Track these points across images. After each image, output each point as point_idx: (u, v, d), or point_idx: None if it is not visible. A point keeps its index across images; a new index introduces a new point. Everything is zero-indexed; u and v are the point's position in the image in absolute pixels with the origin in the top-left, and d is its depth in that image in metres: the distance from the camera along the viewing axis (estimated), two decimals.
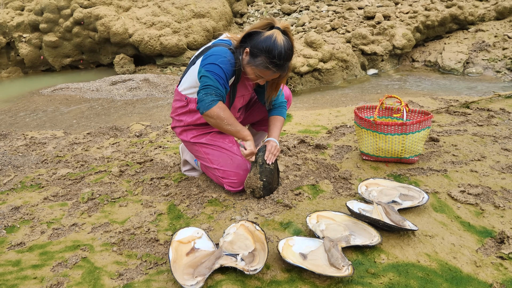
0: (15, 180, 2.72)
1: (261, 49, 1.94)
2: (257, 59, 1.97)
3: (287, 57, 1.96)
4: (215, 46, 2.10)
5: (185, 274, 1.62)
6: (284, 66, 1.99)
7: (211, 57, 2.03)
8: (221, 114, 2.05)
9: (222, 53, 2.03)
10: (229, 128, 2.11)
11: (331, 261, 1.64)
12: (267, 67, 1.96)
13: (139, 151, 3.16)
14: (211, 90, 2.01)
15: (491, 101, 3.90)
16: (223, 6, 8.10)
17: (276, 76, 2.06)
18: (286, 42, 1.95)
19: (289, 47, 1.96)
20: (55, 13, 7.63)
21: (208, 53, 2.07)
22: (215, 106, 2.02)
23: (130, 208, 2.28)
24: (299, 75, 5.81)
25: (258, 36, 1.97)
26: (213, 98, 2.02)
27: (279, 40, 1.92)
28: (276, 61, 1.93)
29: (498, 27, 6.61)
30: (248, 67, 2.04)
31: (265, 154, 2.20)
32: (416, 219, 1.98)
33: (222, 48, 2.06)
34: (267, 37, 1.93)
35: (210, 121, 2.10)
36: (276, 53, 1.92)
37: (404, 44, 6.49)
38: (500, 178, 2.33)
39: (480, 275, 1.59)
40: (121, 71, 7.39)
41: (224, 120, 2.07)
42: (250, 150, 2.18)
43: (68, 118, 4.80)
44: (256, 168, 2.19)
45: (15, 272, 1.76)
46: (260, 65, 1.97)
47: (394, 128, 2.45)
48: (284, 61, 1.96)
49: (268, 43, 1.92)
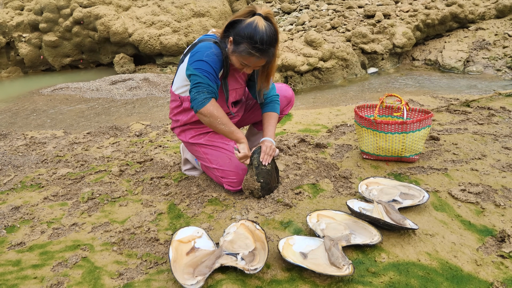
0: (15, 180, 2.72)
1: (243, 36, 1.93)
2: (240, 46, 1.96)
3: (270, 41, 1.95)
4: (200, 42, 2.10)
5: (185, 274, 1.62)
6: (267, 51, 1.97)
7: (197, 53, 2.04)
8: (215, 112, 2.04)
9: (207, 48, 2.03)
10: (222, 127, 2.10)
11: (332, 260, 1.64)
12: (250, 53, 1.95)
13: (139, 151, 3.16)
14: (202, 88, 2.01)
15: (492, 99, 3.89)
16: (222, 5, 8.09)
17: (262, 62, 2.03)
18: (268, 27, 1.94)
19: (272, 32, 1.95)
20: (54, 13, 7.63)
21: (194, 50, 2.08)
22: (208, 104, 2.03)
23: (130, 207, 2.28)
24: (299, 74, 5.81)
25: (240, 24, 1.97)
26: (206, 96, 2.02)
27: (261, 25, 1.92)
28: (258, 46, 1.92)
29: (498, 26, 6.60)
30: (233, 56, 2.03)
31: (260, 156, 2.20)
32: (416, 218, 1.98)
33: (206, 43, 2.06)
34: (248, 24, 1.93)
35: (203, 119, 2.08)
36: (258, 38, 1.91)
37: (404, 42, 6.48)
38: (500, 177, 2.33)
39: (481, 274, 1.59)
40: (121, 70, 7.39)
41: (217, 118, 2.06)
42: (244, 153, 2.16)
43: (68, 118, 4.80)
44: (252, 170, 2.18)
45: (15, 272, 1.76)
46: (243, 51, 1.96)
47: (394, 127, 2.45)
48: (267, 46, 1.95)
49: (250, 29, 1.92)
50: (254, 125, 2.70)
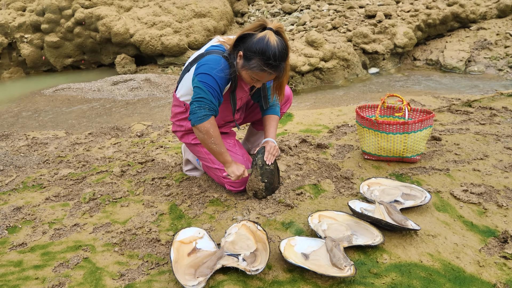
0: (17, 181, 2.72)
1: (255, 52, 1.90)
2: (252, 62, 1.93)
3: (282, 57, 1.93)
4: (208, 53, 2.05)
5: (187, 275, 1.62)
6: (279, 66, 1.95)
7: (205, 66, 1.99)
8: (211, 130, 2.01)
9: (216, 63, 1.98)
10: (214, 147, 2.07)
11: (333, 261, 1.63)
12: (263, 69, 1.92)
13: (140, 151, 3.16)
14: (204, 104, 1.98)
15: (493, 99, 3.88)
16: (224, 6, 8.09)
17: (273, 77, 2.02)
18: (280, 42, 1.91)
19: (283, 47, 1.93)
20: (56, 14, 7.64)
21: (201, 61, 2.03)
22: (207, 121, 1.99)
23: (131, 208, 2.28)
24: (300, 74, 5.80)
25: (251, 38, 1.93)
26: (206, 112, 1.98)
27: (272, 40, 1.89)
28: (271, 62, 1.90)
29: (500, 25, 6.58)
30: (243, 71, 2.00)
31: (264, 155, 2.19)
32: (418, 219, 1.97)
33: (215, 56, 2.01)
34: (260, 39, 1.89)
35: (198, 135, 2.05)
36: (271, 54, 1.88)
37: (406, 42, 6.47)
38: (503, 177, 2.32)
39: (484, 275, 1.58)
40: (123, 71, 7.39)
41: (212, 137, 2.03)
42: (235, 175, 2.13)
43: (70, 118, 4.80)
44: (257, 171, 2.18)
45: (17, 272, 1.76)
46: (255, 68, 1.93)
47: (396, 127, 2.44)
48: (279, 62, 1.93)
49: (261, 45, 1.88)
50: (253, 125, 2.70)
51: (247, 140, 2.81)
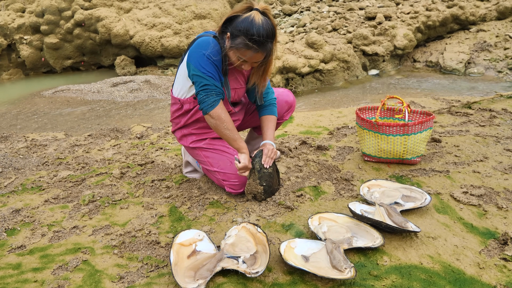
0: (16, 183, 2.72)
1: (240, 30, 1.92)
2: (237, 40, 1.94)
3: (267, 34, 1.93)
4: (199, 37, 2.09)
5: (187, 277, 1.61)
6: (265, 44, 1.94)
7: (197, 51, 2.02)
8: (222, 115, 2.05)
9: (207, 44, 2.02)
10: (227, 133, 2.09)
11: (333, 263, 1.63)
12: (247, 45, 1.92)
13: (140, 153, 3.16)
14: (210, 90, 2.01)
15: (493, 101, 3.88)
16: (224, 7, 8.10)
17: (259, 57, 2.00)
18: (265, 20, 1.94)
19: (269, 25, 1.94)
20: (56, 15, 7.64)
21: (193, 47, 2.06)
22: (218, 106, 2.03)
23: (131, 210, 2.27)
24: (300, 76, 5.80)
25: (237, 18, 1.97)
26: (215, 98, 2.02)
27: (257, 19, 1.91)
28: (255, 38, 1.90)
29: (499, 27, 6.59)
30: (230, 51, 2.01)
31: (262, 159, 2.19)
32: (418, 221, 1.97)
33: (205, 38, 2.05)
34: (245, 18, 1.93)
35: (210, 121, 2.08)
36: (255, 30, 1.90)
37: (405, 44, 6.48)
38: (503, 179, 2.32)
39: (484, 277, 1.58)
40: (122, 72, 7.40)
41: (224, 122, 2.06)
42: (244, 164, 2.14)
43: (69, 120, 4.80)
44: (255, 174, 2.17)
45: (16, 275, 1.75)
46: (239, 44, 1.94)
47: (396, 129, 2.44)
48: (264, 38, 1.92)
49: (246, 23, 1.91)
50: (254, 129, 2.69)
51: (247, 143, 2.80)
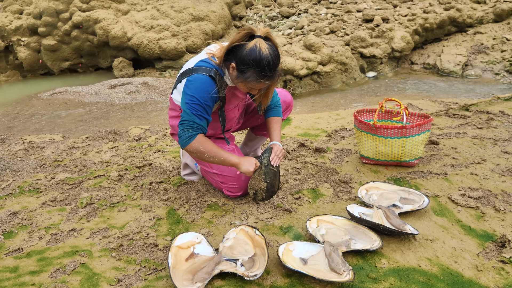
0: (13, 185, 2.71)
1: (248, 64, 1.87)
2: (247, 75, 1.91)
3: (276, 65, 1.92)
4: (196, 70, 2.02)
5: (185, 280, 1.61)
6: (274, 75, 1.94)
7: (191, 87, 1.99)
8: (200, 148, 2.02)
9: (202, 83, 1.97)
10: (213, 160, 2.08)
11: (332, 266, 1.63)
12: (259, 81, 1.92)
13: (138, 155, 3.15)
14: (187, 126, 2.00)
15: (491, 103, 3.89)
16: (222, 10, 8.11)
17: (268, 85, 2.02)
18: (271, 49, 1.89)
19: (275, 54, 1.91)
20: (53, 17, 7.63)
21: (189, 81, 2.01)
22: (193, 141, 2.01)
23: (129, 213, 2.27)
24: (298, 78, 5.81)
25: (241, 49, 1.90)
26: (190, 133, 2.00)
27: (264, 49, 1.86)
28: (266, 73, 1.89)
29: (496, 30, 6.62)
30: (239, 83, 1.98)
31: (270, 156, 2.19)
32: (416, 223, 1.97)
33: (201, 76, 1.98)
34: (251, 50, 1.86)
35: (191, 155, 2.09)
36: (265, 64, 1.86)
37: (403, 46, 6.49)
38: (500, 181, 2.33)
39: (482, 280, 1.58)
40: (120, 74, 7.38)
41: (205, 153, 2.04)
42: (247, 169, 2.12)
43: (67, 122, 4.79)
44: (261, 169, 2.17)
45: (13, 278, 1.74)
46: (251, 80, 1.92)
47: (394, 131, 2.44)
48: (274, 71, 1.92)
49: (254, 56, 1.85)
50: (252, 130, 2.69)
51: (245, 144, 2.80)
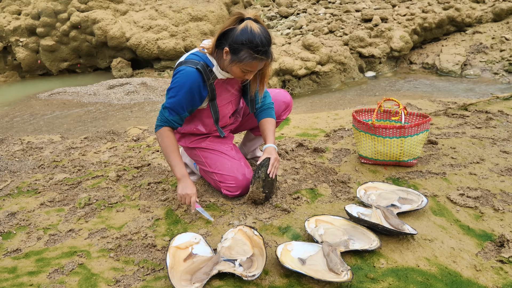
0: (12, 186, 2.70)
1: (242, 43, 1.91)
2: (241, 54, 1.93)
3: (268, 42, 1.95)
4: (186, 62, 2.05)
5: (183, 280, 1.61)
6: (268, 51, 1.96)
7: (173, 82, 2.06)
8: (159, 140, 2.15)
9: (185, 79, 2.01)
10: (167, 157, 2.15)
11: (330, 266, 1.62)
12: (254, 57, 1.93)
13: (136, 156, 3.15)
14: (159, 116, 2.15)
15: (489, 103, 3.90)
16: (220, 10, 8.11)
17: (262, 65, 2.02)
18: (262, 28, 1.94)
19: (266, 32, 1.95)
20: (52, 17, 7.62)
21: (175, 75, 2.07)
22: (157, 132, 2.16)
23: (127, 213, 2.26)
24: (296, 78, 5.81)
25: (233, 32, 1.94)
26: (158, 123, 2.15)
27: (255, 28, 1.91)
28: (260, 49, 1.91)
29: (495, 29, 6.62)
30: (233, 66, 1.99)
31: (268, 169, 2.17)
32: (415, 223, 1.97)
33: (188, 69, 2.02)
34: (243, 30, 1.91)
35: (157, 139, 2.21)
36: (258, 41, 1.90)
37: (402, 46, 6.49)
38: (499, 181, 2.33)
39: (480, 279, 1.58)
40: (119, 75, 7.38)
41: (161, 147, 2.16)
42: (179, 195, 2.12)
43: (65, 123, 4.78)
44: (259, 183, 2.15)
45: (11, 279, 1.74)
46: (245, 58, 1.93)
47: (392, 131, 2.44)
48: (267, 47, 1.94)
49: (247, 35, 1.90)
50: (251, 130, 2.69)
51: (243, 145, 2.80)
